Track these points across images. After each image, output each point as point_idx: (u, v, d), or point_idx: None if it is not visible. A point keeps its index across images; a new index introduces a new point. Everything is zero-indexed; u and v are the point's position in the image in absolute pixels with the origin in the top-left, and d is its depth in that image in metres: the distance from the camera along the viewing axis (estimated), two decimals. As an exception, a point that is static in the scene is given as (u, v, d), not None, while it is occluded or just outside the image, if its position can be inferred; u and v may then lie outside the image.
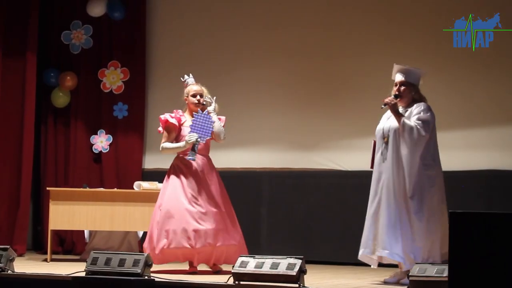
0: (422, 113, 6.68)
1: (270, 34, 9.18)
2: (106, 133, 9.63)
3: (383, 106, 6.80)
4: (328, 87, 8.92)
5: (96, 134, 9.63)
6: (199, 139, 7.25)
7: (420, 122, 6.63)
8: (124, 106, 9.64)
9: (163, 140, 7.39)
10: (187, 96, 7.45)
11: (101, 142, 9.62)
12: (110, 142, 9.63)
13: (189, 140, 7.24)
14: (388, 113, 6.84)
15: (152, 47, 9.71)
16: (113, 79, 9.64)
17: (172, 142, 7.38)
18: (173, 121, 7.37)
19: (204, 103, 7.42)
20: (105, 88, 9.66)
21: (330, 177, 8.86)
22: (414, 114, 6.69)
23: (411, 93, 6.78)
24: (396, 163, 6.67)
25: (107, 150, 9.62)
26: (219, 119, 7.42)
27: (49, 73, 9.69)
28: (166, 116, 7.39)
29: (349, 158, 8.80)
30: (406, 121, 6.65)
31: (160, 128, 7.42)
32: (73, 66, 9.75)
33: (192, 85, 7.46)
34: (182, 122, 7.39)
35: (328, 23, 8.95)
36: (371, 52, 8.72)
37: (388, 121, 6.83)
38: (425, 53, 8.38)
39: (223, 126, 7.41)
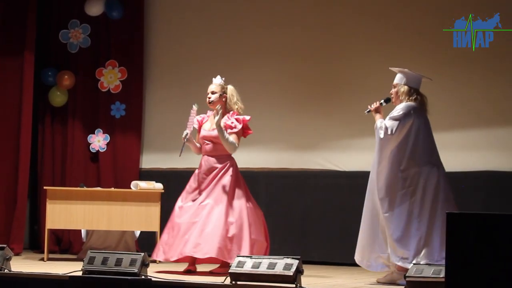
0: (395, 112, 6.69)
1: (268, 35, 9.18)
2: (103, 133, 9.62)
3: (366, 112, 6.89)
4: (326, 88, 8.92)
5: (94, 133, 9.63)
6: (187, 136, 7.34)
7: (387, 122, 6.63)
8: (122, 105, 9.63)
9: None
10: None
11: (98, 141, 9.62)
12: (108, 141, 9.62)
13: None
14: None
15: (150, 47, 9.70)
16: (110, 78, 9.63)
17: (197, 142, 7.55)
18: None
19: (215, 100, 7.46)
20: (103, 87, 9.65)
21: (327, 178, 8.85)
22: (390, 113, 6.73)
23: (406, 96, 6.79)
24: (374, 165, 6.71)
25: (105, 150, 9.62)
26: (237, 119, 7.40)
27: (47, 72, 9.68)
28: None
29: (346, 159, 8.80)
30: (378, 122, 6.69)
31: None
32: (71, 65, 9.74)
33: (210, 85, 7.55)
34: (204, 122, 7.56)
35: (328, 24, 8.94)
36: (369, 53, 8.72)
37: None
38: (424, 54, 8.38)
39: (237, 128, 7.39)
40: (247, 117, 7.44)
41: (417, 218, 6.56)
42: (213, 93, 7.46)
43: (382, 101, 6.91)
